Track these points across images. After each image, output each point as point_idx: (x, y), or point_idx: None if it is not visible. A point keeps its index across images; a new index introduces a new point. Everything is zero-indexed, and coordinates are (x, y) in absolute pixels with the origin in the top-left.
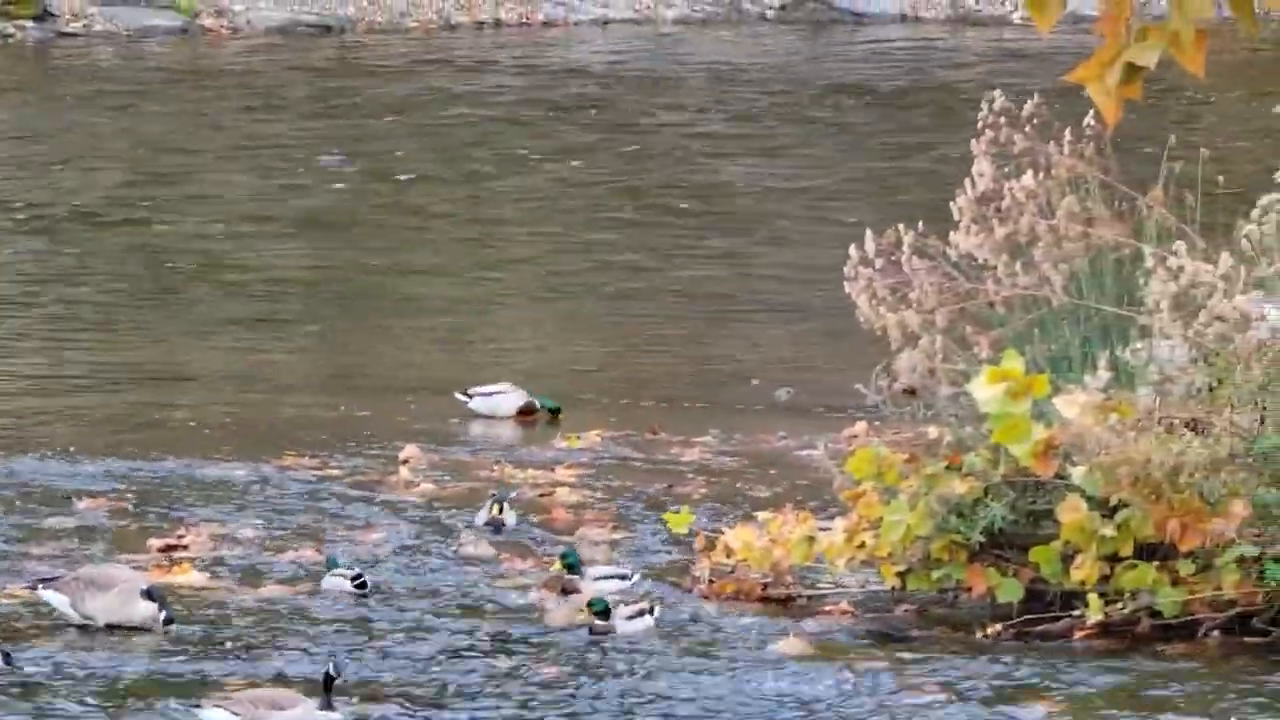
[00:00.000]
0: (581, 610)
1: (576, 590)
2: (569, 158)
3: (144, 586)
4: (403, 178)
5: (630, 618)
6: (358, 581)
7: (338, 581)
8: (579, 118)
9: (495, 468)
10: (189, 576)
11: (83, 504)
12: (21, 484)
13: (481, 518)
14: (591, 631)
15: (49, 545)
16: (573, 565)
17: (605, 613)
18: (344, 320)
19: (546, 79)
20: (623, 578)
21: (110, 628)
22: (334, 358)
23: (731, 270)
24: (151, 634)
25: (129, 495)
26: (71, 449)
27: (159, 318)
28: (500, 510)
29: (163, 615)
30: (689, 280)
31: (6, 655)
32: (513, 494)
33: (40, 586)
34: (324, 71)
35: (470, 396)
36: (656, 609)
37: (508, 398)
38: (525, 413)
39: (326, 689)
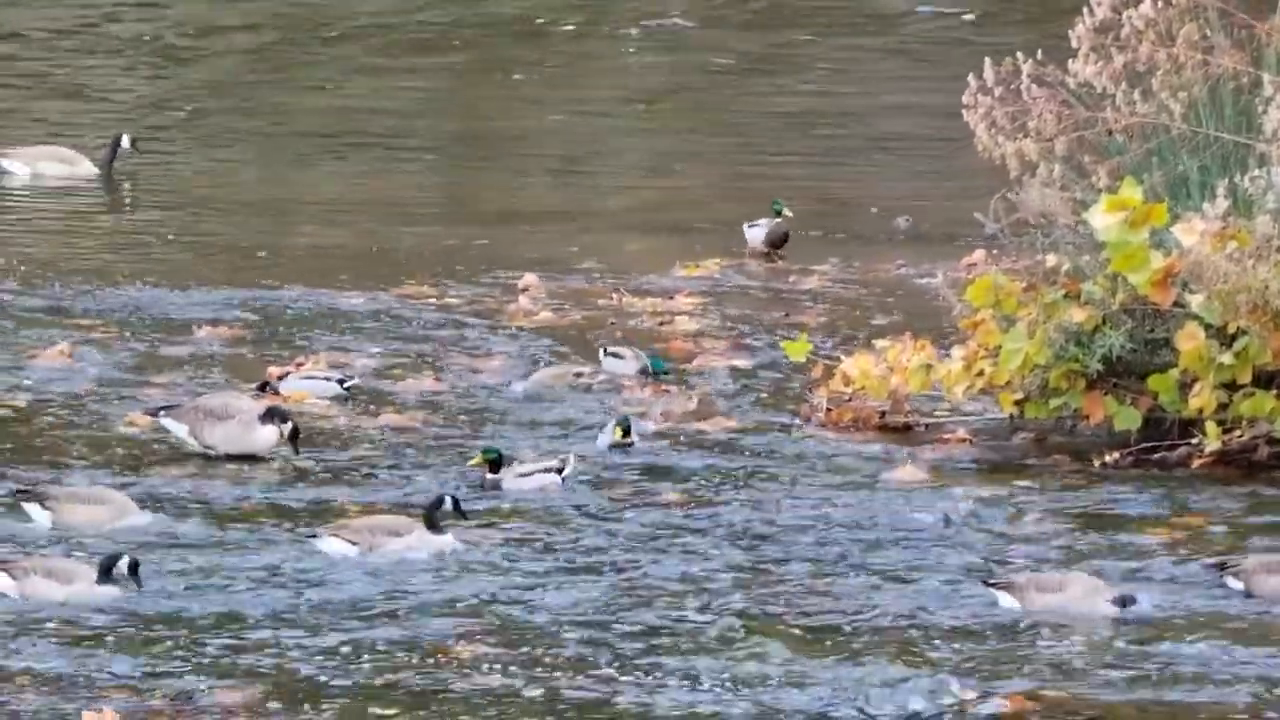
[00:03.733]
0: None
1: (497, 487)
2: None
3: (263, 411)
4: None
5: (522, 475)
6: (346, 384)
7: (320, 385)
8: None
9: (614, 296)
10: (307, 404)
11: (201, 332)
12: (140, 313)
13: (604, 441)
14: (482, 485)
15: (168, 374)
16: (494, 460)
17: (497, 464)
18: (461, 149)
19: None
20: (556, 470)
21: (230, 457)
22: (452, 186)
23: (847, 99)
24: (271, 461)
25: (247, 324)
26: (189, 278)
27: (276, 148)
28: (625, 434)
29: (288, 429)
30: (803, 110)
31: (135, 565)
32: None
33: (161, 414)
34: None
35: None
36: (567, 467)
37: (759, 229)
38: (772, 243)
39: (436, 511)
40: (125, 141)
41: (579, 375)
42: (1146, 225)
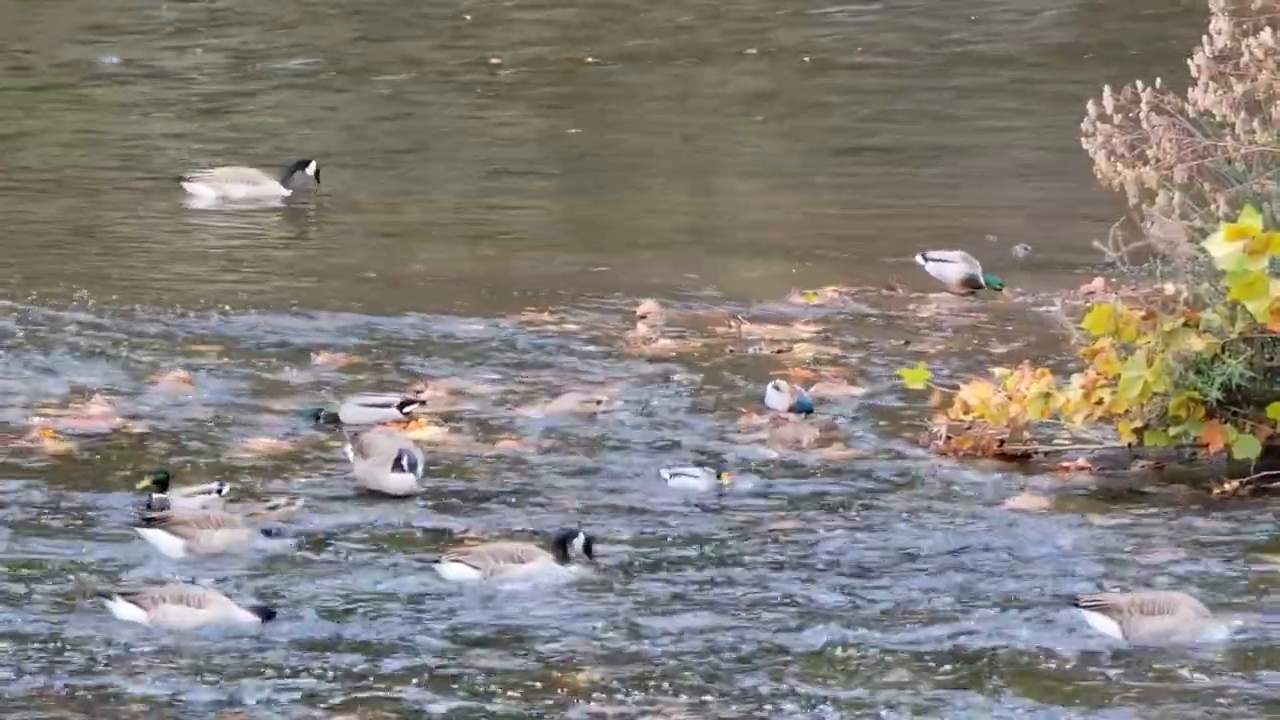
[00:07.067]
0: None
1: (165, 506)
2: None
3: (395, 456)
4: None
5: (188, 495)
6: (406, 409)
7: (379, 412)
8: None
9: (732, 323)
10: (427, 432)
11: (320, 359)
12: (259, 339)
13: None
14: (149, 505)
15: (286, 400)
16: (162, 481)
17: (164, 484)
18: (580, 175)
19: None
20: (216, 491)
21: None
22: (572, 213)
23: (964, 128)
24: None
25: (365, 350)
26: (308, 304)
27: (396, 174)
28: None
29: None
30: (920, 139)
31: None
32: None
33: (349, 441)
34: None
35: (926, 260)
36: (225, 488)
37: (954, 267)
38: (968, 285)
39: (568, 543)
40: (310, 169)
41: (598, 403)
42: (1266, 254)
